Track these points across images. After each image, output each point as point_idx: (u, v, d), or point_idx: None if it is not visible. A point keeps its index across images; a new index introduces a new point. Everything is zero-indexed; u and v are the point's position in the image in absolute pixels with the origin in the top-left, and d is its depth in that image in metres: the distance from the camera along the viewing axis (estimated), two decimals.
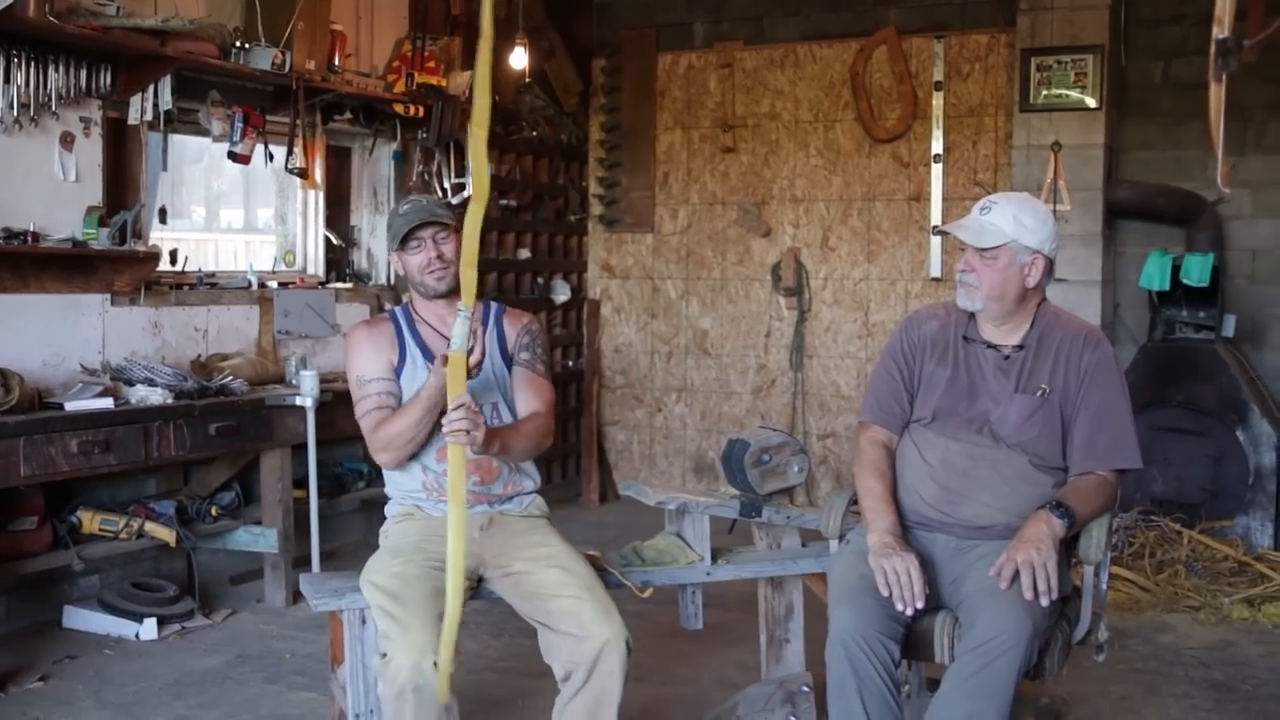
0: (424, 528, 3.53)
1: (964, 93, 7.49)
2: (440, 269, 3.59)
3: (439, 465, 3.54)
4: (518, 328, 3.71)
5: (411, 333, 3.64)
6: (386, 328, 3.66)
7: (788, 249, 7.96)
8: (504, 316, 3.74)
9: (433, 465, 3.56)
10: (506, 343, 3.68)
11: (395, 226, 3.60)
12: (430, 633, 3.13)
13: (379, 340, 3.62)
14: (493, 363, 3.62)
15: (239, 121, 5.70)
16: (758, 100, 8.01)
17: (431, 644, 3.10)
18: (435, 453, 3.54)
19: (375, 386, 3.57)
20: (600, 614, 3.26)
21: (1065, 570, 3.30)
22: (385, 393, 3.56)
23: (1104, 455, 3.32)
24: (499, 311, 3.75)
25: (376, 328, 3.67)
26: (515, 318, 3.75)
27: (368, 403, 3.56)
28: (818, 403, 7.96)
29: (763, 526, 4.11)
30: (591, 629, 3.24)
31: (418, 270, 3.60)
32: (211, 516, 5.58)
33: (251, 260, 6.61)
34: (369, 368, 3.59)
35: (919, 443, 3.45)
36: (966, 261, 3.39)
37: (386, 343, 3.62)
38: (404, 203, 3.67)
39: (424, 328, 3.65)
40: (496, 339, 3.67)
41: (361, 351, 3.62)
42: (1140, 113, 7.23)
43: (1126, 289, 7.26)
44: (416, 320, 3.67)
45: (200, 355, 5.82)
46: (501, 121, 7.68)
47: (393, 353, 3.60)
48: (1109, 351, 3.40)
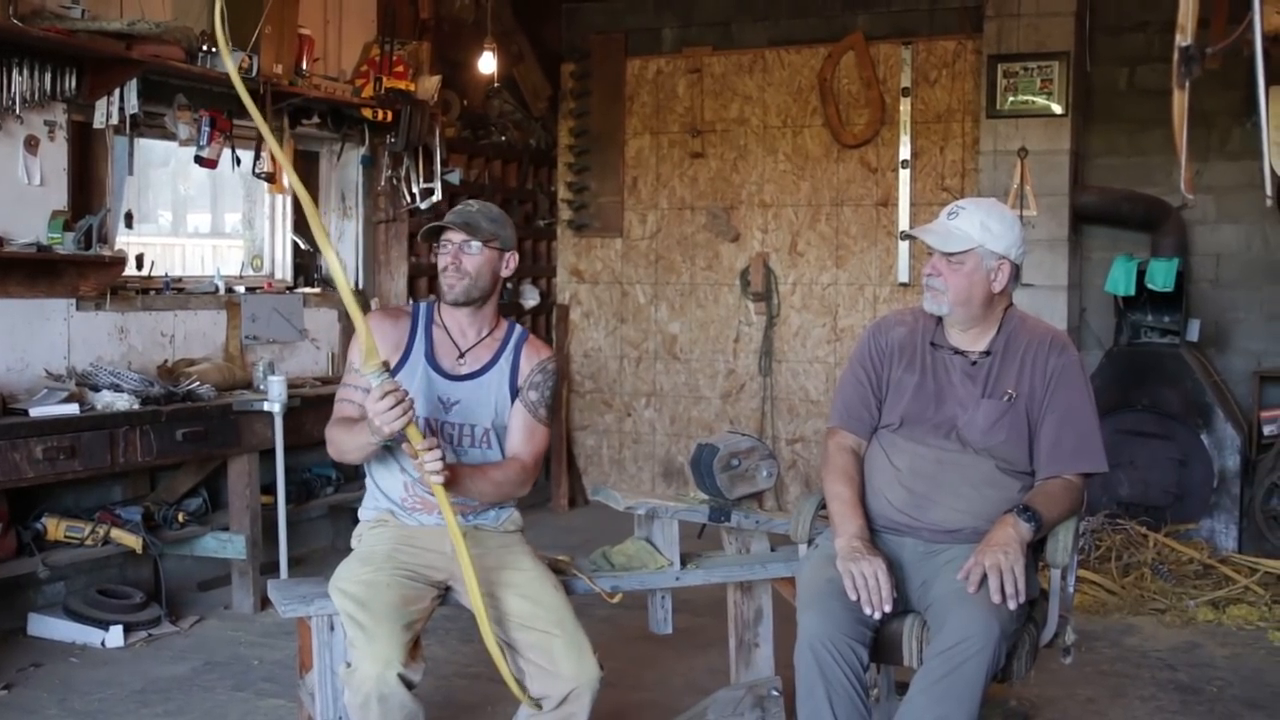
0: (397, 535, 3.50)
1: (931, 99, 7.53)
2: (454, 276, 3.49)
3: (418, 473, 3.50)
4: (534, 362, 3.59)
5: (425, 333, 3.55)
6: (403, 323, 3.56)
7: (756, 254, 7.98)
8: (524, 345, 3.62)
9: (412, 469, 3.51)
10: (519, 374, 3.58)
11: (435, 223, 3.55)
12: (396, 642, 3.11)
13: (389, 334, 3.51)
14: (497, 392, 3.55)
15: (206, 125, 5.68)
16: (726, 105, 8.03)
17: (397, 653, 3.09)
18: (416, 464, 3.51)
19: (357, 380, 3.48)
20: (571, 653, 3.24)
21: (1032, 573, 3.32)
22: (363, 389, 3.48)
23: (1070, 459, 3.34)
24: (521, 338, 3.64)
25: (392, 320, 3.56)
26: (535, 350, 3.62)
27: (344, 392, 3.52)
28: (786, 407, 7.97)
29: (732, 531, 4.11)
30: (562, 667, 3.23)
31: (441, 270, 3.53)
32: (178, 522, 5.55)
33: (219, 265, 6.57)
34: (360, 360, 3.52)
35: (887, 448, 3.46)
36: (933, 266, 3.40)
37: (394, 339, 3.51)
38: (465, 202, 3.63)
39: (439, 331, 3.57)
40: (510, 366, 3.57)
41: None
42: (1105, 119, 7.28)
43: (1092, 294, 7.31)
44: (435, 323, 3.58)
45: (167, 360, 5.79)
46: (470, 126, 7.68)
47: (397, 349, 3.50)
48: (1074, 356, 3.42)
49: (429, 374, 3.51)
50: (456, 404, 3.51)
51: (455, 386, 3.52)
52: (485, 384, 3.54)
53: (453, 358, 3.55)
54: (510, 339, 3.62)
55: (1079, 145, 7.19)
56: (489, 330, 3.60)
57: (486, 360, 3.56)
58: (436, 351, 3.54)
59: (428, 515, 3.51)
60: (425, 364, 3.51)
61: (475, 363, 3.55)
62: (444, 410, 3.51)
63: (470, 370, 3.54)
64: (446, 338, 3.57)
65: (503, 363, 3.57)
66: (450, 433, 3.51)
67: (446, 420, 3.51)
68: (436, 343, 3.55)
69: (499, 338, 3.61)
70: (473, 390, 3.53)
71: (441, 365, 3.53)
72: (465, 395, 3.52)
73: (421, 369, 3.51)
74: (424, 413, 3.48)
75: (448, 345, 3.56)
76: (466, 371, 3.54)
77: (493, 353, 3.58)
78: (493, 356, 3.57)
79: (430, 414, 3.50)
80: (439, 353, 3.54)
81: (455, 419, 3.51)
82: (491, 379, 3.55)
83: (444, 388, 3.51)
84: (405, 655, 3.10)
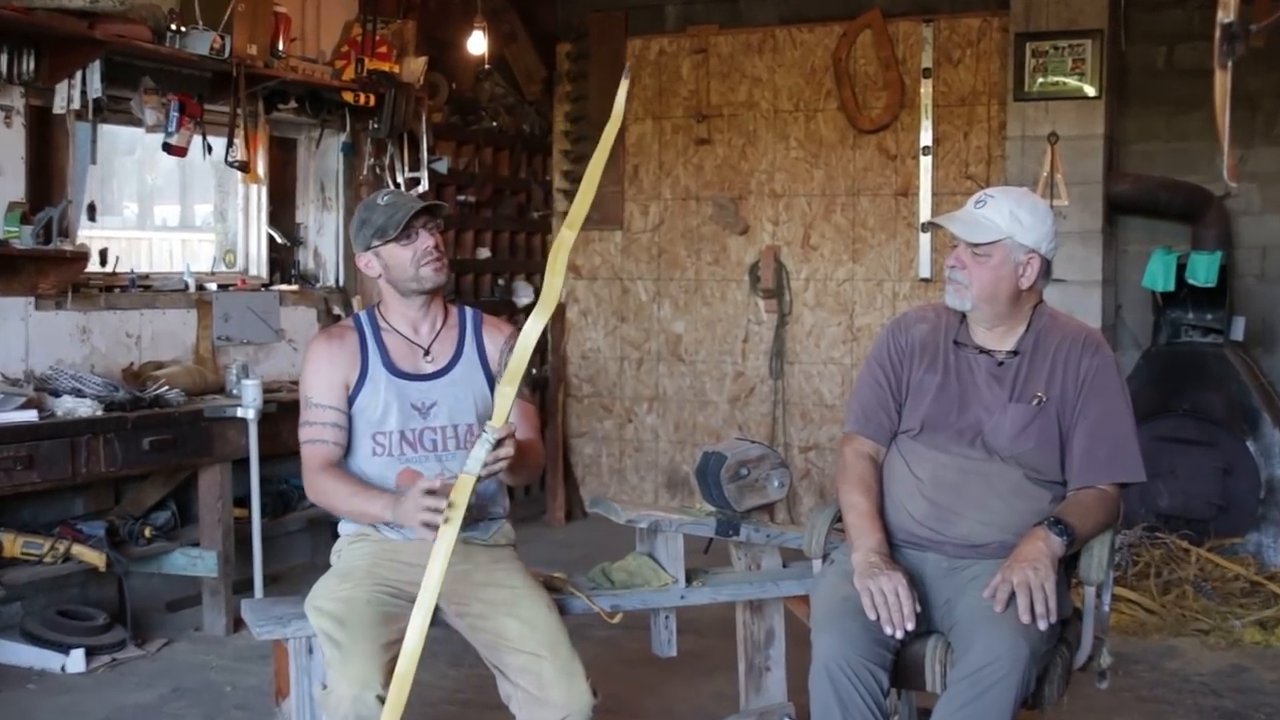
0: (379, 550, 3.50)
1: (955, 80, 7.52)
2: (437, 258, 3.52)
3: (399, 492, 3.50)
4: (497, 339, 3.63)
5: (376, 342, 3.55)
6: (350, 340, 3.55)
7: (766, 247, 7.98)
8: (483, 327, 3.66)
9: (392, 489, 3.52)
10: (488, 358, 3.61)
11: (380, 219, 3.50)
12: (375, 662, 3.11)
13: (339, 358, 3.51)
14: (472, 383, 3.57)
15: (174, 110, 5.67)
16: (734, 88, 8.03)
17: (376, 675, 3.09)
18: (395, 479, 3.49)
19: (321, 415, 3.48)
20: (561, 679, 3.23)
21: (1064, 591, 3.31)
22: (331, 424, 3.48)
23: (1105, 468, 3.33)
24: (476, 320, 3.68)
25: (338, 342, 3.55)
26: (495, 329, 3.67)
27: (310, 431, 3.50)
28: (799, 412, 7.97)
29: (741, 546, 4.10)
30: (552, 694, 3.23)
31: (411, 262, 3.50)
32: (145, 538, 5.55)
33: (188, 260, 6.58)
34: (320, 391, 3.50)
35: (907, 455, 3.45)
36: (957, 257, 3.39)
37: (347, 360, 3.51)
38: (380, 195, 3.59)
39: (391, 337, 3.57)
40: (476, 352, 3.60)
41: (318, 371, 3.52)
42: (1142, 101, 7.28)
43: (1128, 290, 7.30)
44: (383, 328, 3.58)
45: (133, 363, 5.79)
46: (459, 111, 7.68)
47: (352, 370, 3.51)
48: (1109, 356, 3.42)
49: (395, 383, 3.51)
50: (434, 406, 3.52)
51: (428, 387, 3.53)
52: (459, 378, 3.56)
53: (415, 358, 3.56)
54: (466, 323, 3.66)
55: (1114, 130, 7.18)
56: (443, 320, 3.63)
57: (452, 352, 3.59)
58: (394, 357, 3.54)
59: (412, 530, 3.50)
60: (387, 374, 3.52)
61: (441, 357, 3.57)
62: (422, 417, 3.51)
63: (439, 367, 3.56)
64: (401, 340, 3.57)
65: (468, 350, 3.60)
66: (433, 439, 3.51)
67: (427, 427, 3.51)
68: (392, 349, 3.56)
69: (454, 325, 3.64)
70: (447, 388, 3.54)
71: (404, 369, 3.53)
72: (441, 394, 3.53)
73: (384, 381, 3.51)
74: (398, 426, 3.49)
75: (405, 347, 3.57)
76: (435, 369, 3.55)
77: (455, 343, 3.60)
78: (456, 347, 3.60)
79: (406, 425, 3.50)
80: (397, 358, 3.55)
81: (436, 422, 3.52)
82: (463, 371, 3.57)
83: (416, 392, 3.52)
84: (385, 677, 3.09)
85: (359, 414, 3.51)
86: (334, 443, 3.49)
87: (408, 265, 3.51)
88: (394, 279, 3.55)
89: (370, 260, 3.56)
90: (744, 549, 4.11)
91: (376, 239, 3.52)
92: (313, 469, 3.48)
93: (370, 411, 3.50)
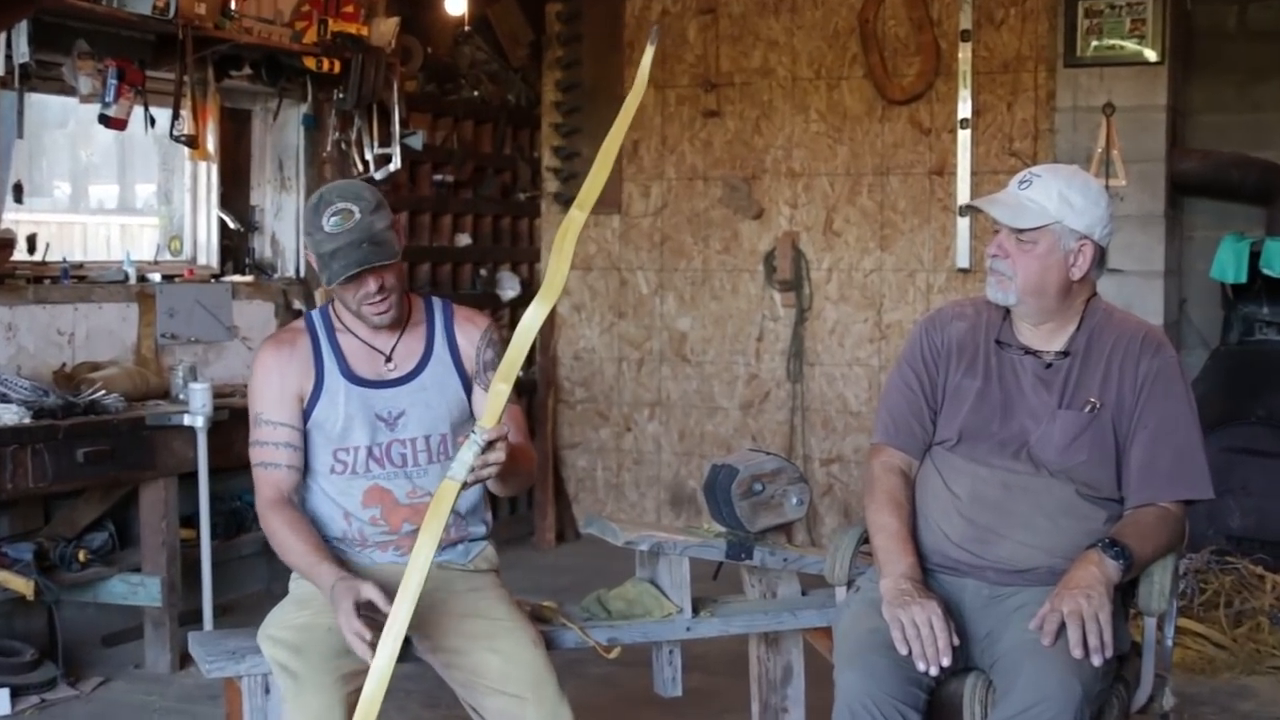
0: None
1: (997, 44, 7.53)
2: (382, 300, 3.44)
3: (364, 512, 3.51)
4: (474, 336, 3.62)
5: (331, 346, 3.54)
6: (301, 345, 3.54)
7: (783, 234, 7.98)
8: (454, 320, 3.65)
9: (357, 513, 3.52)
10: (461, 356, 3.60)
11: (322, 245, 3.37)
12: (334, 696, 3.13)
13: (289, 368, 3.50)
14: (445, 388, 3.56)
15: (112, 78, 5.67)
16: (747, 53, 8.03)
17: (336, 709, 3.11)
18: (360, 497, 3.51)
19: (273, 434, 3.47)
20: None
21: (1122, 623, 3.31)
22: (284, 444, 3.47)
23: (1167, 483, 3.34)
24: (446, 312, 3.66)
25: (288, 349, 3.53)
26: (469, 323, 3.65)
27: (261, 452, 3.48)
28: (820, 420, 7.97)
29: (754, 571, 4.11)
30: None
31: (354, 299, 3.44)
32: (79, 562, 5.54)
33: (128, 248, 6.58)
34: (271, 407, 3.49)
35: (943, 469, 3.46)
36: (999, 245, 3.40)
37: (299, 369, 3.50)
38: (327, 209, 3.41)
39: (347, 339, 3.56)
40: (448, 351, 3.59)
41: (267, 383, 3.50)
42: (1210, 67, 7.28)
43: (1195, 281, 7.31)
44: (338, 329, 3.57)
45: (65, 364, 5.79)
46: (435, 79, 7.68)
47: (306, 379, 3.50)
48: (1172, 357, 3.42)
49: (356, 392, 3.50)
50: (402, 416, 3.52)
51: (395, 395, 3.52)
52: (429, 382, 3.55)
53: (377, 363, 3.54)
54: (435, 317, 3.63)
55: (1178, 100, 7.19)
56: (407, 316, 3.59)
57: (420, 353, 3.57)
58: (352, 363, 3.53)
59: (381, 553, 3.51)
60: (346, 383, 3.50)
61: (408, 359, 3.56)
62: (389, 429, 3.51)
63: (406, 371, 3.55)
64: (359, 344, 3.55)
65: (439, 349, 3.59)
66: (402, 453, 3.52)
67: (395, 439, 3.51)
68: (349, 353, 3.54)
69: (421, 320, 3.62)
70: (416, 394, 3.53)
71: (365, 376, 3.52)
72: (409, 402, 3.52)
73: (343, 390, 3.50)
74: (365, 440, 3.49)
75: (364, 352, 3.55)
76: (401, 374, 3.54)
77: (423, 341, 3.59)
78: (425, 346, 3.58)
79: (373, 440, 3.50)
80: (356, 363, 3.53)
81: (406, 434, 3.51)
82: (433, 374, 3.56)
83: (381, 401, 3.51)
84: (347, 712, 3.10)
85: (316, 428, 3.51)
86: (288, 465, 3.48)
87: (350, 301, 3.47)
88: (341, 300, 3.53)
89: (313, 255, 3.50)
90: (758, 575, 4.12)
91: (321, 275, 3.44)
92: (266, 501, 3.47)
93: (329, 425, 3.50)
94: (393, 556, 3.48)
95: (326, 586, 3.25)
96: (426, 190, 7.59)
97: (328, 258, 3.37)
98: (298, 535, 3.39)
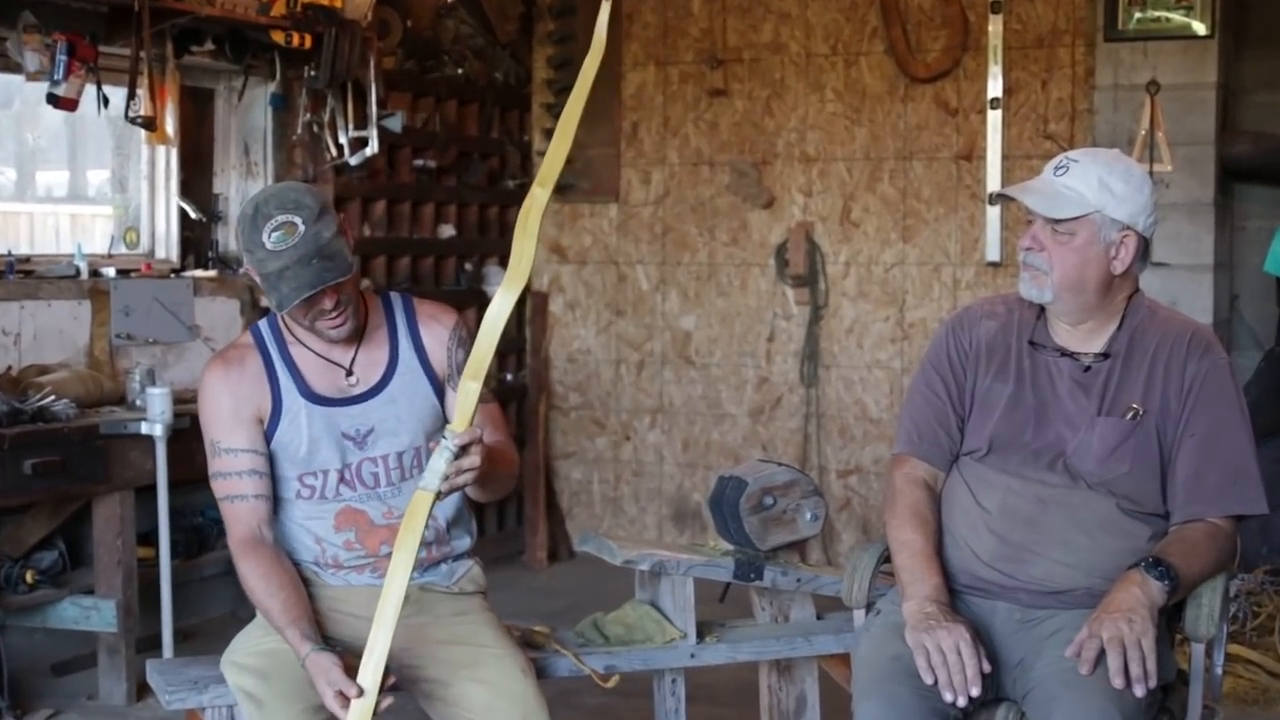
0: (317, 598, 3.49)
1: (1030, 16, 7.54)
2: (338, 315, 3.39)
3: (338, 537, 3.51)
4: (442, 335, 3.60)
5: (285, 362, 3.50)
6: (251, 364, 3.49)
7: (796, 224, 7.99)
8: (418, 318, 3.61)
9: (330, 538, 3.52)
10: (430, 359, 3.57)
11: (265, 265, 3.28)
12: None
13: (241, 389, 3.46)
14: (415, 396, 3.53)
15: (62, 54, 5.67)
16: (756, 27, 8.05)
17: None
18: (332, 521, 3.51)
19: (234, 463, 3.43)
20: None
21: (1166, 649, 3.32)
22: (249, 472, 3.43)
23: (1216, 496, 3.34)
24: (408, 310, 3.62)
25: (238, 369, 3.48)
26: (434, 320, 3.62)
27: (225, 485, 3.44)
28: (837, 428, 7.98)
29: (765, 593, 4.12)
30: None
31: (308, 318, 3.38)
32: (26, 584, 5.55)
33: (80, 240, 6.58)
34: (227, 433, 3.45)
35: (972, 482, 3.46)
36: (1034, 237, 3.40)
37: (252, 389, 3.46)
38: (268, 226, 3.31)
39: (301, 353, 3.51)
40: (414, 352, 3.56)
41: (218, 408, 3.47)
42: (1265, 41, 7.29)
43: (1248, 276, 7.32)
44: (290, 342, 3.52)
45: (10, 367, 5.79)
46: (416, 55, 7.69)
47: (263, 401, 3.46)
48: (1222, 359, 3.43)
49: (318, 412, 3.47)
50: (371, 432, 3.49)
51: (362, 411, 3.50)
52: (396, 393, 3.53)
53: (337, 376, 3.51)
54: (396, 317, 3.59)
55: (1229, 77, 7.20)
56: (364, 320, 3.54)
57: (384, 361, 3.54)
58: (311, 380, 3.49)
59: (358, 575, 3.51)
60: (306, 403, 3.47)
61: (372, 370, 3.52)
62: (358, 448, 3.49)
63: (371, 384, 3.52)
64: (315, 357, 3.51)
65: (405, 354, 3.56)
66: (374, 472, 3.50)
67: (366, 458, 3.50)
68: (305, 369, 3.50)
69: (380, 323, 3.58)
70: (385, 407, 3.51)
71: (327, 394, 3.49)
72: (379, 417, 3.50)
73: (304, 412, 3.47)
74: (335, 463, 3.47)
75: (322, 366, 3.51)
76: (366, 388, 3.51)
77: (385, 348, 3.55)
78: (389, 353, 3.55)
79: (343, 462, 3.48)
80: (315, 380, 3.50)
81: (377, 451, 3.50)
82: (402, 383, 3.54)
83: (347, 419, 3.49)
84: None
85: (278, 452, 3.48)
86: (256, 495, 3.44)
87: (302, 320, 3.41)
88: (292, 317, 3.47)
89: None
90: (769, 596, 4.12)
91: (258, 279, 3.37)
92: (238, 540, 3.43)
93: (293, 449, 3.47)
94: (370, 579, 3.48)
95: (298, 654, 3.24)
96: (406, 177, 7.59)
97: (274, 278, 3.28)
98: (269, 588, 3.35)
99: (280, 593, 3.35)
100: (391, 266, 7.53)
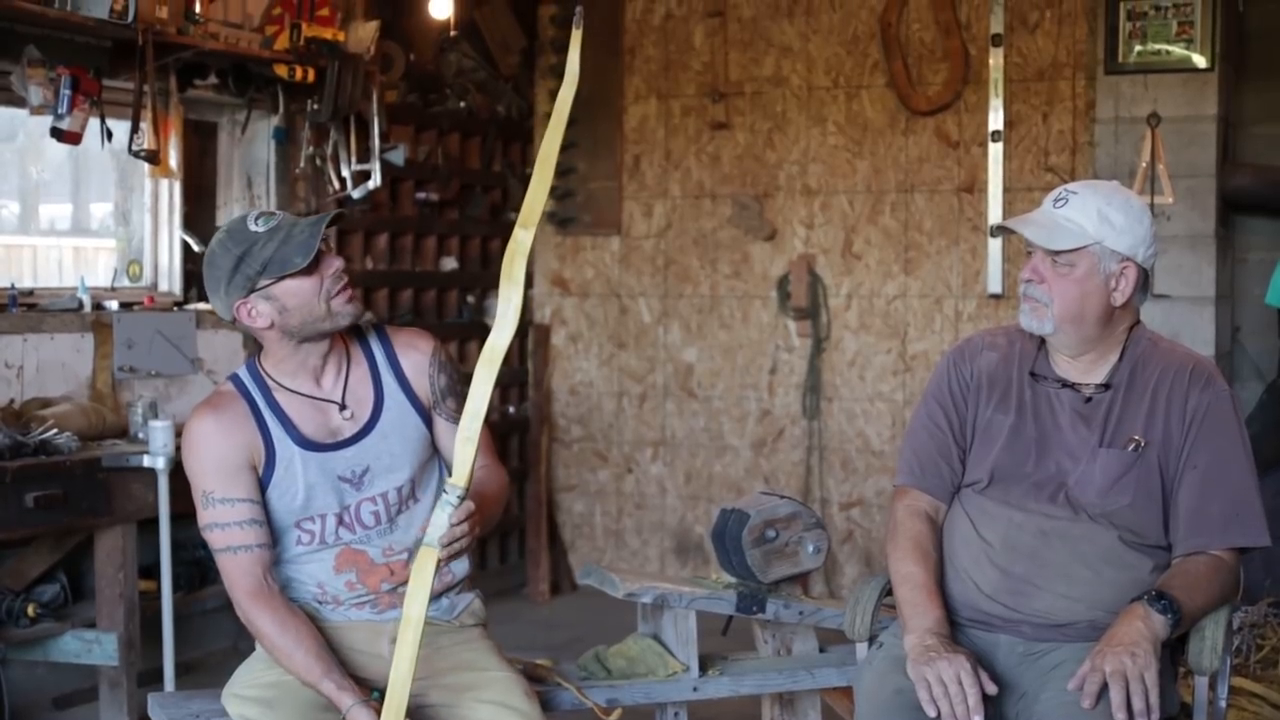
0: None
1: (1031, 49, 7.55)
2: (349, 283, 3.39)
3: (338, 579, 3.48)
4: (420, 362, 3.55)
5: (272, 409, 3.43)
6: (239, 411, 3.41)
7: (798, 257, 8.00)
8: (395, 349, 3.56)
9: (330, 581, 3.49)
10: (413, 389, 3.53)
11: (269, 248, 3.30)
12: None
13: (233, 436, 3.38)
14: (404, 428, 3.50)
15: (66, 88, 5.68)
16: (758, 60, 8.06)
17: None
18: (332, 563, 3.48)
19: (229, 514, 3.36)
20: None
21: (1170, 683, 3.31)
22: (247, 522, 3.36)
23: (1219, 529, 3.34)
24: (382, 338, 3.57)
25: (227, 416, 3.40)
26: (412, 348, 3.56)
27: (221, 536, 3.37)
28: (839, 461, 7.97)
29: (767, 626, 4.11)
30: None
31: (320, 296, 3.34)
32: (28, 617, 5.54)
33: (83, 273, 6.58)
34: (219, 483, 3.37)
35: (973, 514, 3.46)
36: (1034, 269, 3.40)
37: (243, 437, 3.39)
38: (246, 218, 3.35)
39: (287, 397, 3.44)
40: (397, 383, 3.52)
41: (208, 458, 3.39)
42: (1265, 74, 7.30)
43: (1249, 308, 7.31)
44: (274, 388, 3.45)
45: (13, 400, 5.79)
46: (418, 89, 7.71)
47: (256, 447, 3.39)
48: (1224, 390, 3.42)
49: (313, 459, 3.43)
50: (367, 472, 3.46)
51: (357, 452, 3.46)
52: (387, 428, 3.49)
53: (328, 419, 3.46)
54: (372, 347, 3.55)
55: (1229, 110, 7.21)
56: (345, 351, 3.52)
57: (371, 397, 3.50)
58: (301, 425, 3.44)
59: (358, 610, 3.50)
60: (300, 450, 3.42)
61: (361, 406, 3.49)
62: (355, 489, 3.46)
63: (361, 425, 3.48)
64: (301, 400, 3.46)
65: (390, 387, 3.52)
66: (374, 511, 3.47)
67: (364, 499, 3.46)
68: (294, 415, 3.44)
69: (361, 357, 3.54)
70: (378, 444, 3.48)
71: (319, 440, 3.44)
72: (374, 455, 3.47)
73: (299, 459, 3.42)
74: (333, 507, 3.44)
75: (309, 408, 3.46)
76: (357, 429, 3.47)
77: (369, 382, 3.51)
78: (374, 387, 3.51)
79: (341, 505, 3.45)
80: (305, 425, 3.44)
81: (375, 489, 3.47)
82: (391, 417, 3.50)
83: (343, 462, 3.45)
84: None
85: (274, 500, 3.43)
86: (257, 545, 3.37)
87: (315, 301, 3.35)
88: (293, 323, 3.38)
89: (257, 307, 3.36)
90: (771, 629, 4.12)
91: (269, 276, 3.32)
92: (245, 592, 3.37)
93: (289, 497, 3.42)
94: (370, 614, 3.47)
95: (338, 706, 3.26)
96: (409, 210, 7.61)
97: (279, 249, 3.29)
98: (292, 641, 3.33)
99: (303, 644, 3.32)
100: (394, 299, 7.54)
